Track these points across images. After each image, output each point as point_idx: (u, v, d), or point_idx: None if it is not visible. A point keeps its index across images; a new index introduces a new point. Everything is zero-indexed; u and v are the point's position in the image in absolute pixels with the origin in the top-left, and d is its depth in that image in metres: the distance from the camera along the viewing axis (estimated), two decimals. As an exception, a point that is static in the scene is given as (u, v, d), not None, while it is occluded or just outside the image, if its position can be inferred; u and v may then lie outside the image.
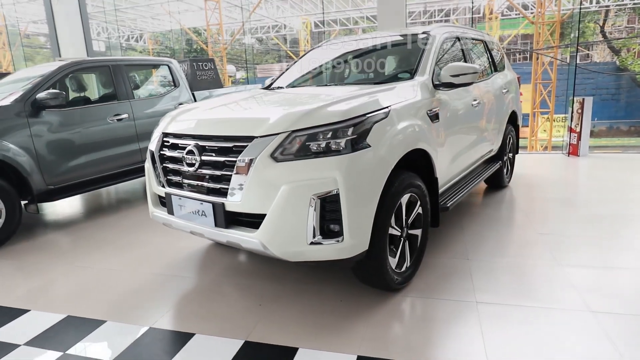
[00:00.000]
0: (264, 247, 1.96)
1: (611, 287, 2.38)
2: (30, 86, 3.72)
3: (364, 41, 3.55)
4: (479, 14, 15.73)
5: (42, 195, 3.73)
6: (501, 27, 15.99)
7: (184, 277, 2.76)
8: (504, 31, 16.36)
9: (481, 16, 15.75)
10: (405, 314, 2.20)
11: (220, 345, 2.01)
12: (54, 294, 2.63)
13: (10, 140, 3.51)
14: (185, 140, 2.25)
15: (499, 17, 15.44)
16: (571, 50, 11.94)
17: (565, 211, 3.73)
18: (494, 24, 15.15)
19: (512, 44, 17.15)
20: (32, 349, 2.05)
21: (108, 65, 4.40)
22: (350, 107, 2.03)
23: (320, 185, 1.87)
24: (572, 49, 11.49)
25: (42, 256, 3.25)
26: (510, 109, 4.29)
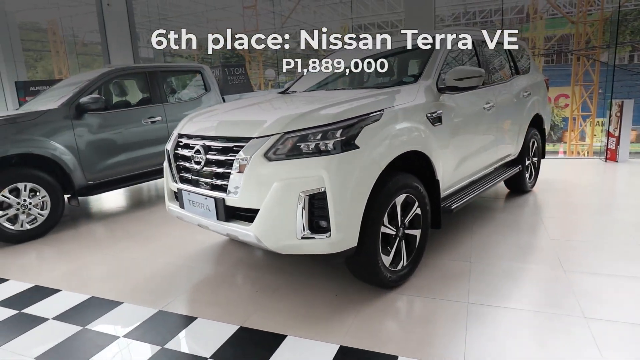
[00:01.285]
0: (258, 240, 2.11)
1: (613, 295, 2.31)
2: (75, 91, 4.14)
3: (373, 47, 3.63)
4: (522, 14, 15.15)
5: (83, 190, 4.13)
6: (547, 27, 15.30)
7: (197, 267, 2.98)
8: (552, 31, 15.61)
9: (524, 16, 15.16)
10: (395, 310, 2.27)
11: (218, 329, 2.18)
12: (84, 277, 2.94)
13: (57, 140, 3.92)
14: (195, 140, 2.46)
15: (544, 17, 14.77)
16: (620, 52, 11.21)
17: (585, 217, 3.61)
18: (539, 23, 14.53)
19: (560, 45, 16.34)
20: (57, 322, 2.33)
21: (145, 72, 4.78)
22: (341, 110, 2.14)
23: (308, 183, 2.00)
24: (624, 48, 10.80)
25: (79, 244, 3.61)
26: (533, 113, 4.20)
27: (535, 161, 4.56)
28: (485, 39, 3.86)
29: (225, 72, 6.01)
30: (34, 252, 3.51)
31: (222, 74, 6.00)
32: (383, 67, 3.12)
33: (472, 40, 3.48)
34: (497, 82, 3.67)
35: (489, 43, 3.82)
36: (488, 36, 3.65)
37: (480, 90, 3.33)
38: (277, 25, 16.45)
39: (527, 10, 14.98)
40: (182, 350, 2.02)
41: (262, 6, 14.66)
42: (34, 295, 2.69)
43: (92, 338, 2.17)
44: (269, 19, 16.11)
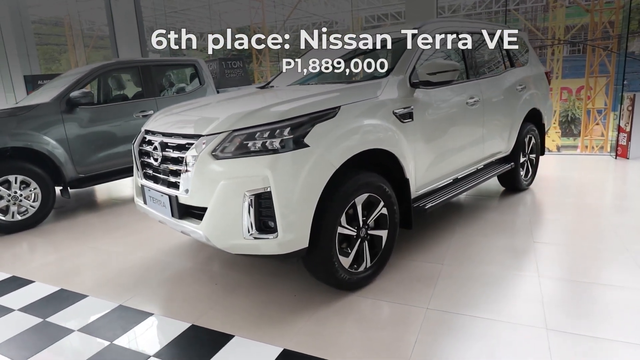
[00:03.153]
0: (207, 239, 2.09)
1: (583, 305, 2.18)
2: (66, 86, 4.21)
3: (357, 40, 3.52)
4: (542, 2, 14.49)
5: (73, 183, 4.21)
6: (569, 16, 14.59)
7: (170, 262, 3.00)
8: (573, 20, 14.88)
9: (544, 4, 14.49)
10: (349, 313, 2.22)
11: (170, 326, 2.19)
12: (59, 269, 3.00)
13: (49, 134, 4.01)
14: (156, 137, 2.45)
15: (564, 6, 14.07)
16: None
17: (578, 219, 3.43)
18: (559, 12, 13.86)
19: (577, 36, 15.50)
20: (21, 314, 2.39)
21: (137, 66, 4.82)
22: (290, 107, 2.08)
23: (254, 183, 1.95)
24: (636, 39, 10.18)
25: (65, 236, 3.70)
26: (528, 107, 4.01)
27: (533, 158, 4.37)
28: (473, 31, 3.72)
29: (222, 66, 6.00)
30: (21, 243, 3.62)
31: (219, 68, 5.99)
32: (358, 62, 3.03)
33: (457, 33, 3.34)
34: (484, 76, 3.51)
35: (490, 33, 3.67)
36: (483, 26, 3.50)
37: (462, 84, 3.20)
38: (284, 18, 16.35)
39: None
40: (128, 347, 2.03)
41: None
42: (9, 285, 2.77)
43: (48, 331, 2.21)
44: (278, 10, 16.02)
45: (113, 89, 5.08)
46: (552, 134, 16.04)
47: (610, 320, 2.03)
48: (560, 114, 16.83)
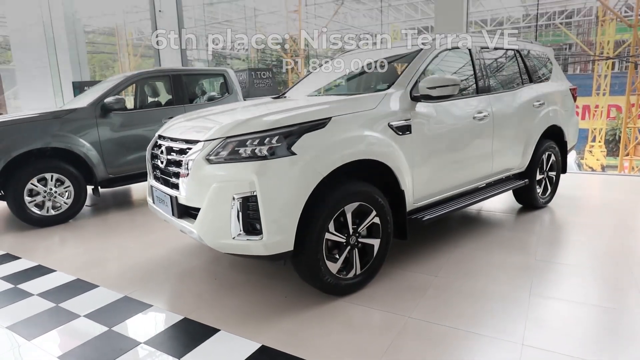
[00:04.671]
0: (199, 237, 2.24)
1: (566, 324, 2.13)
2: (101, 92, 4.59)
3: (372, 53, 3.62)
4: (589, 17, 13.87)
5: (104, 183, 4.55)
6: (621, 31, 13.84)
7: (180, 260, 3.18)
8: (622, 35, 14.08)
9: (593, 19, 13.85)
10: (333, 317, 2.27)
11: (164, 317, 2.35)
12: (79, 261, 3.27)
13: (84, 137, 4.37)
14: (165, 141, 2.66)
15: (614, 20, 13.35)
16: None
17: (590, 240, 3.30)
18: (609, 27, 13.18)
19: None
20: (39, 298, 2.64)
21: (169, 75, 5.16)
22: (280, 117, 2.20)
23: (241, 186, 2.08)
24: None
25: (91, 232, 4.01)
26: (546, 124, 3.91)
27: (553, 176, 4.23)
28: (498, 45, 3.71)
29: (251, 76, 6.27)
30: (52, 235, 3.95)
31: (248, 78, 6.27)
32: (367, 75, 3.11)
33: (469, 47, 3.35)
34: (496, 91, 3.48)
35: (508, 47, 3.67)
36: (488, 40, 3.50)
37: (469, 98, 3.20)
38: (337, 30, 16.65)
39: (597, 12, 13.69)
40: (123, 334, 2.20)
41: (306, 10, 14.95)
42: (33, 273, 3.06)
43: (57, 314, 2.43)
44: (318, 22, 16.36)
45: (148, 96, 5.46)
46: (597, 153, 15.19)
47: (587, 340, 1.96)
48: (607, 132, 15.94)
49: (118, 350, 2.05)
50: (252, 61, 21.17)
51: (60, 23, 9.52)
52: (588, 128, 15.56)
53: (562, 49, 17.46)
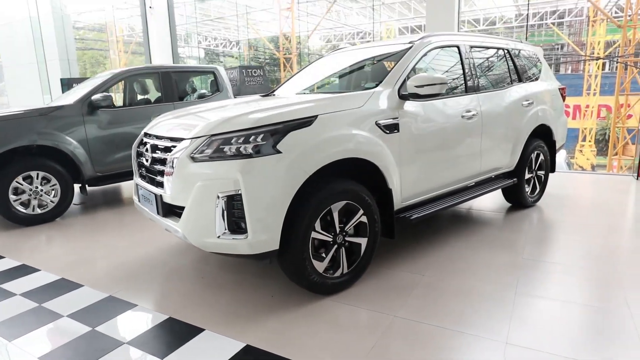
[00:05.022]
0: (184, 236, 2.22)
1: (551, 323, 2.14)
2: (88, 89, 4.53)
3: (362, 51, 3.61)
4: (580, 17, 13.98)
5: (91, 181, 4.50)
6: (612, 32, 13.95)
7: (167, 259, 3.15)
8: (613, 36, 14.18)
9: (584, 19, 13.95)
10: (320, 316, 2.27)
11: (149, 317, 2.32)
12: (64, 260, 3.22)
13: (71, 135, 4.31)
14: (150, 139, 2.62)
15: (605, 21, 13.44)
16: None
17: (577, 238, 3.32)
18: (599, 28, 13.28)
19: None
20: (22, 298, 2.60)
21: (158, 72, 5.10)
22: (265, 115, 2.18)
23: (226, 185, 2.06)
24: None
25: (79, 230, 3.96)
26: (535, 123, 3.93)
27: (542, 175, 4.26)
28: (486, 44, 3.72)
29: (242, 74, 6.23)
30: (38, 234, 3.90)
31: (239, 76, 6.22)
32: (353, 73, 3.10)
33: (458, 46, 3.35)
34: (485, 90, 3.49)
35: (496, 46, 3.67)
36: (489, 40, 3.51)
37: (458, 97, 3.20)
38: (329, 28, 16.59)
39: (588, 12, 13.81)
40: (106, 334, 2.17)
41: (298, 8, 14.90)
42: (17, 272, 3.01)
43: (40, 314, 2.40)
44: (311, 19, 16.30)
45: (137, 93, 5.40)
46: (587, 153, 15.33)
47: (571, 338, 1.98)
48: (597, 132, 16.09)
49: (100, 350, 2.03)
50: (245, 59, 21.08)
51: (48, 19, 9.39)
52: (579, 128, 15.71)
53: (554, 48, 17.62)
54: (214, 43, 18.98)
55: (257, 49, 23.06)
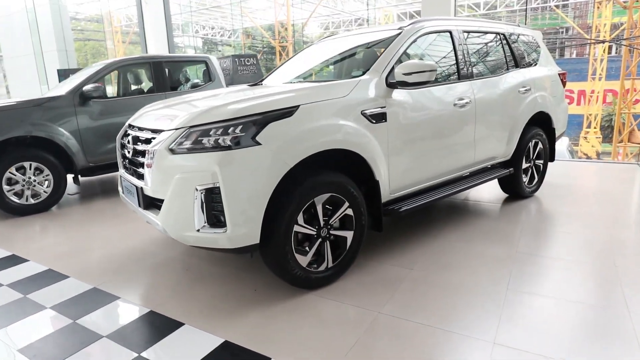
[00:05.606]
0: (164, 229, 2.18)
1: (542, 322, 2.08)
2: (80, 80, 4.48)
3: (352, 38, 3.51)
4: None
5: (84, 171, 4.48)
6: (619, 14, 13.55)
7: (153, 251, 3.13)
8: (620, 18, 13.75)
9: (589, 1, 13.55)
10: (302, 311, 2.23)
11: (131, 310, 2.31)
12: (53, 251, 3.22)
13: (63, 126, 4.29)
14: (132, 130, 2.58)
15: (611, 2, 13.03)
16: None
17: (576, 231, 3.24)
18: (605, 10, 12.90)
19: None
20: (7, 289, 2.60)
21: (149, 62, 5.04)
22: (244, 106, 2.12)
23: (204, 178, 2.02)
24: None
25: (70, 220, 3.95)
26: (533, 110, 3.82)
27: (540, 164, 4.16)
28: (482, 29, 3.61)
29: (235, 63, 6.14)
30: (30, 224, 3.90)
31: (232, 65, 6.13)
32: (342, 61, 3.01)
33: (450, 31, 3.25)
34: (479, 76, 3.38)
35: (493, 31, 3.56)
36: (485, 24, 3.40)
37: (449, 85, 3.11)
38: (326, 14, 16.34)
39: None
40: (87, 327, 2.16)
41: None
42: (6, 262, 3.01)
43: (24, 306, 2.39)
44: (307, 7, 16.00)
45: (130, 83, 5.34)
46: (592, 140, 15.04)
47: (562, 339, 1.92)
48: (603, 118, 15.74)
49: (79, 344, 2.01)
50: (243, 47, 20.83)
51: (45, 10, 9.31)
52: (583, 114, 15.38)
53: (559, 32, 17.16)
54: (211, 32, 18.76)
55: (254, 37, 22.79)
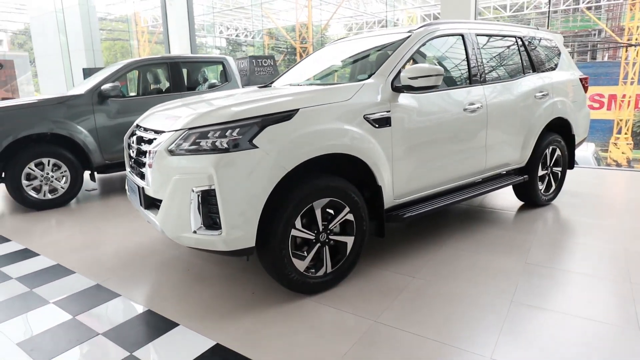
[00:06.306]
0: (162, 230, 2.20)
1: (545, 338, 1.98)
2: (99, 79, 4.60)
3: (362, 41, 3.47)
4: (620, 0, 13.03)
5: (100, 168, 4.60)
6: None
7: (158, 249, 3.17)
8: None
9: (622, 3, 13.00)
10: (297, 317, 2.20)
11: (129, 308, 2.34)
12: (64, 246, 3.31)
13: (81, 124, 4.42)
14: (138, 131, 2.62)
15: None
16: None
17: (593, 243, 3.09)
18: (638, 12, 12.32)
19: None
20: (16, 282, 2.68)
21: (167, 62, 5.13)
22: (242, 109, 2.11)
23: (200, 180, 2.02)
24: None
25: (84, 216, 4.06)
26: (550, 116, 3.68)
27: (558, 171, 4.00)
28: (496, 32, 3.50)
29: (252, 64, 6.18)
30: (47, 219, 4.02)
31: (249, 66, 6.18)
32: (350, 64, 2.98)
33: (463, 35, 3.16)
34: (492, 81, 3.28)
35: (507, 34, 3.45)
36: (499, 28, 3.29)
37: (459, 89, 3.02)
38: (351, 16, 16.27)
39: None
40: (85, 323, 2.20)
41: None
42: (18, 256, 3.11)
43: (28, 300, 2.46)
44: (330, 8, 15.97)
45: (148, 83, 5.46)
46: (623, 146, 14.42)
47: (561, 355, 1.83)
48: (635, 123, 15.05)
49: (75, 340, 2.05)
50: (266, 48, 21.01)
51: (75, 11, 9.65)
52: (614, 119, 14.74)
53: (590, 35, 16.52)
54: (235, 33, 19.02)
55: (277, 38, 22.93)
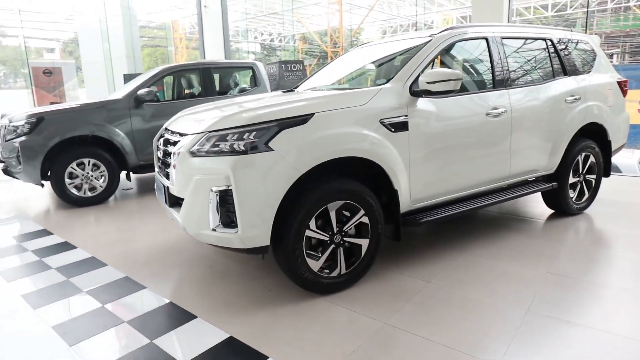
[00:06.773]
0: (184, 227, 2.33)
1: (559, 350, 1.93)
2: (135, 85, 4.88)
3: (386, 45, 3.49)
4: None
5: (135, 169, 4.87)
6: None
7: (184, 246, 3.33)
8: None
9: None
10: (309, 315, 2.26)
11: (153, 299, 2.48)
12: (100, 240, 3.53)
13: (119, 127, 4.70)
14: (166, 133, 2.77)
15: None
16: None
17: (623, 254, 2.96)
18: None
19: None
20: (55, 272, 2.90)
21: (198, 68, 5.36)
22: (259, 113, 2.20)
23: (218, 180, 2.13)
24: None
25: (119, 213, 4.31)
26: (582, 121, 3.54)
27: (592, 179, 3.84)
28: (522, 35, 3.43)
29: (282, 68, 6.32)
30: (85, 215, 4.30)
31: (279, 70, 6.33)
32: (370, 69, 3.01)
33: (487, 38, 3.12)
34: (518, 85, 3.21)
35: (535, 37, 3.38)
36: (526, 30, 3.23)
37: (481, 94, 2.99)
38: (381, 19, 16.27)
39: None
40: (112, 311, 2.36)
41: (350, 2, 14.71)
42: (58, 248, 3.36)
43: (65, 288, 2.66)
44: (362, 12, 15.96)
45: (182, 88, 5.72)
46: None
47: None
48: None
49: (102, 326, 2.20)
50: (300, 52, 21.34)
51: (117, 20, 10.25)
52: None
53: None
54: (270, 38, 19.47)
55: (311, 42, 23.20)
